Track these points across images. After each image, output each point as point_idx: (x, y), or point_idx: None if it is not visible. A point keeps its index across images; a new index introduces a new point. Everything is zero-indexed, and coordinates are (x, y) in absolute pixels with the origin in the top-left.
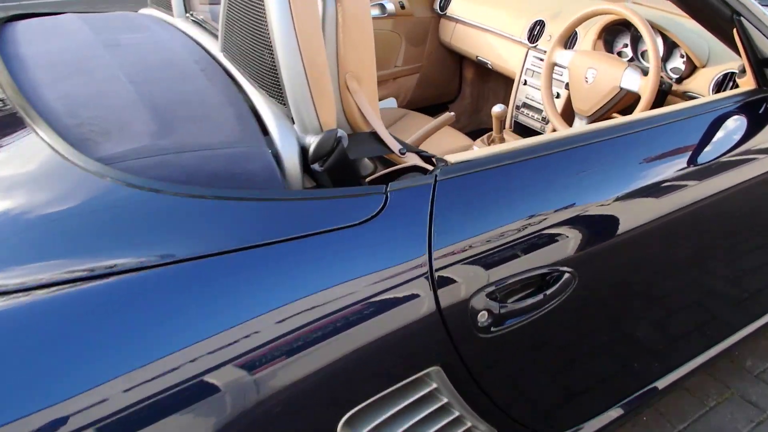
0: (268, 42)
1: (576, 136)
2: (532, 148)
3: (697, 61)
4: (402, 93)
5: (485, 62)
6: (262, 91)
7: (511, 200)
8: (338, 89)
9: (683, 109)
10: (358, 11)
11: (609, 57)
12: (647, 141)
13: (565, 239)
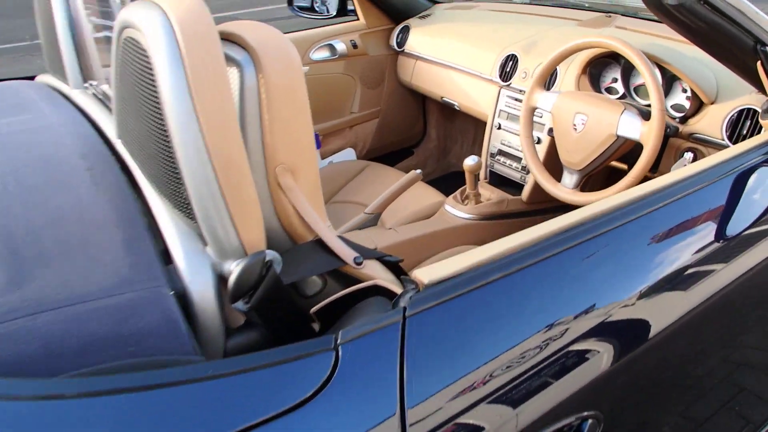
0: (162, 130)
1: (579, 224)
2: (532, 248)
3: (705, 97)
4: (361, 142)
5: (452, 104)
6: (165, 199)
7: (513, 328)
8: (267, 189)
9: (703, 171)
10: (287, 81)
11: (600, 99)
12: (664, 218)
13: (586, 370)
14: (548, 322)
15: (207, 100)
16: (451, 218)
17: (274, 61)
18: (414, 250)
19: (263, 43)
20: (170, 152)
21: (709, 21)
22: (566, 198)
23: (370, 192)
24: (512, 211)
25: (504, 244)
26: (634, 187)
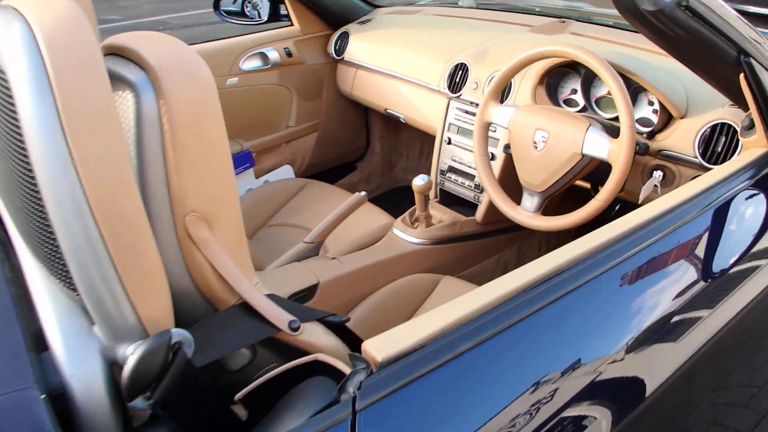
0: (29, 177)
1: (556, 273)
2: (506, 304)
3: (674, 111)
4: (299, 158)
5: (397, 116)
6: (40, 263)
7: (491, 405)
8: (177, 244)
9: (688, 201)
10: (197, 107)
11: (562, 114)
12: (645, 258)
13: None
14: (532, 400)
15: (87, 139)
16: (400, 243)
17: (180, 82)
18: (360, 282)
19: (164, 59)
20: (40, 205)
21: (690, 29)
22: (528, 223)
23: (311, 213)
24: (466, 233)
25: (473, 301)
26: (610, 225)
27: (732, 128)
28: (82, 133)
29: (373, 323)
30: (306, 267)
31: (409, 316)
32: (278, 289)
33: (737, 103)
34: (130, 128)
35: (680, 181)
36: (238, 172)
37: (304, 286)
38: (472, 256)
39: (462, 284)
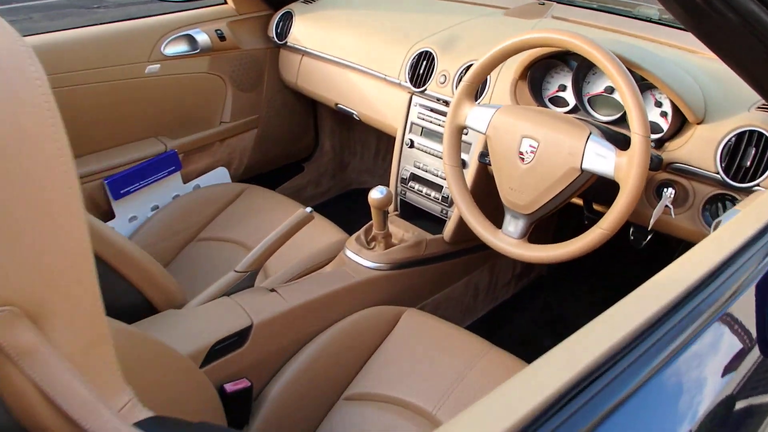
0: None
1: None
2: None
3: (690, 114)
4: (236, 158)
5: (349, 112)
6: None
7: None
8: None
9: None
10: (10, 126)
11: (556, 118)
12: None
13: None
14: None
15: None
16: (353, 268)
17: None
18: (305, 320)
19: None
20: None
21: (744, 11)
22: (513, 253)
23: (249, 225)
24: (432, 254)
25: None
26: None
27: (764, 137)
28: None
29: (321, 370)
30: (237, 304)
31: (364, 360)
32: (200, 335)
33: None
34: None
35: (695, 200)
36: (161, 177)
37: (234, 330)
38: (438, 280)
39: (430, 319)
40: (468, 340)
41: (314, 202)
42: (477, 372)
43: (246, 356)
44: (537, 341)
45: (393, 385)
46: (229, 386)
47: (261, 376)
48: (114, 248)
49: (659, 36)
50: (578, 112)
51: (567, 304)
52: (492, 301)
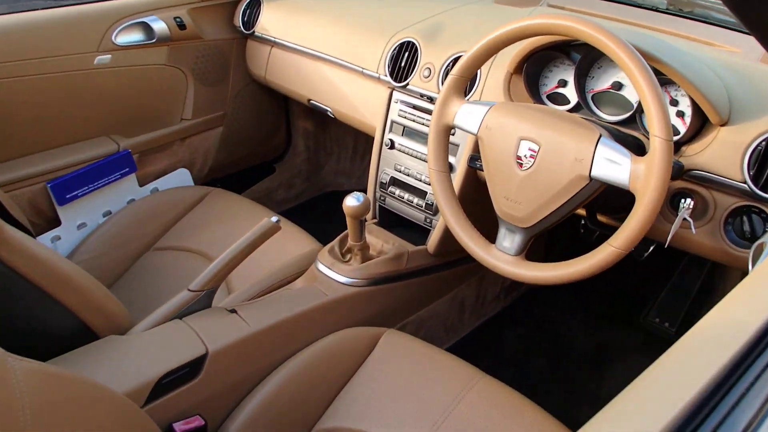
0: None
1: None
2: None
3: (714, 114)
4: (198, 159)
5: (324, 109)
6: None
7: None
8: None
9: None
10: None
11: (560, 118)
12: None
13: None
14: None
15: None
16: (326, 284)
17: None
18: (270, 346)
19: None
20: None
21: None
22: (508, 272)
23: (212, 232)
24: (415, 268)
25: None
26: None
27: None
28: None
29: (288, 404)
30: (190, 328)
31: (337, 391)
32: (145, 366)
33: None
34: None
35: (715, 212)
36: (113, 179)
37: (185, 359)
38: (421, 296)
39: (412, 342)
40: (456, 368)
41: (286, 207)
42: (466, 405)
43: (200, 390)
44: (529, 362)
45: (370, 419)
46: (179, 426)
47: (217, 412)
48: (42, 266)
49: (667, 26)
50: (580, 110)
51: (560, 320)
52: (479, 318)
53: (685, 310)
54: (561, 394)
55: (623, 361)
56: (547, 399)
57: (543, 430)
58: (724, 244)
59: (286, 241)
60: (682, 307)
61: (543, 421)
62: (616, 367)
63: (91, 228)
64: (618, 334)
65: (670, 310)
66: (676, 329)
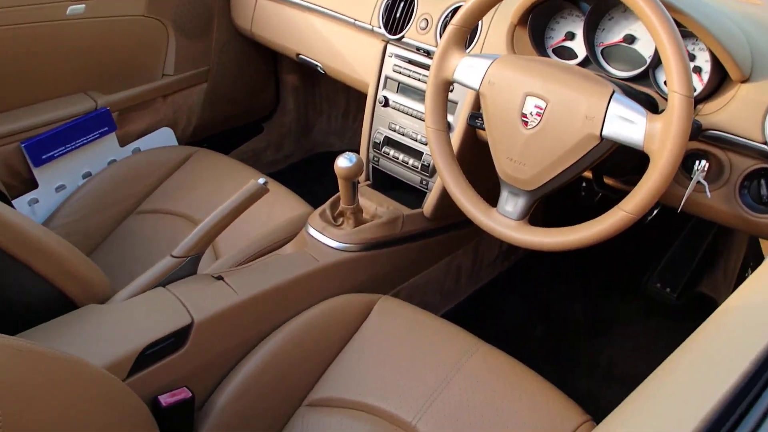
0: None
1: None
2: None
3: (735, 69)
4: (182, 117)
5: (313, 64)
6: None
7: None
8: None
9: None
10: None
11: (569, 72)
12: None
13: None
14: None
15: None
16: (317, 249)
17: None
18: (259, 314)
19: None
20: None
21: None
22: (511, 237)
23: (198, 194)
24: (410, 232)
25: None
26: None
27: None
28: None
29: (278, 373)
30: (174, 296)
31: (330, 360)
32: (126, 337)
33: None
34: None
35: (731, 175)
36: (92, 139)
37: (170, 329)
38: (416, 261)
39: (408, 309)
40: (454, 335)
41: (275, 168)
42: (465, 374)
43: (186, 361)
44: (526, 330)
45: (365, 389)
46: (164, 398)
47: (205, 383)
48: (11, 231)
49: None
50: (589, 66)
51: (558, 288)
52: (475, 284)
53: (687, 276)
54: (559, 363)
55: (623, 329)
56: (545, 368)
57: (545, 399)
58: (739, 209)
59: (275, 204)
60: (685, 272)
61: (545, 391)
62: (616, 335)
63: (71, 190)
64: (618, 301)
65: (672, 275)
66: (678, 295)
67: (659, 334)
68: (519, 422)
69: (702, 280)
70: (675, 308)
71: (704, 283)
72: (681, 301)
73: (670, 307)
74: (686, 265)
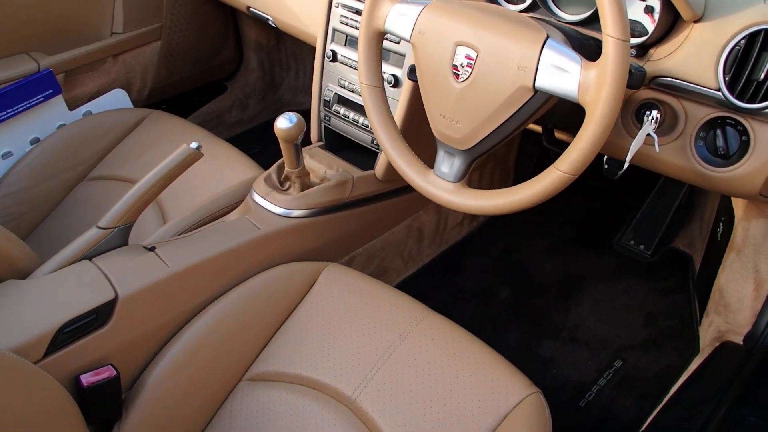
0: None
1: None
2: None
3: (686, 8)
4: (136, 78)
5: (264, 17)
6: None
7: None
8: None
9: None
10: None
11: (501, 16)
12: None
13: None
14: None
15: None
16: (260, 216)
17: None
18: (192, 287)
19: None
20: None
21: None
22: (446, 200)
23: (150, 158)
24: (361, 196)
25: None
26: None
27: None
28: None
29: (215, 347)
30: (98, 270)
31: (271, 333)
32: (42, 314)
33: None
34: None
35: (686, 126)
36: (35, 102)
37: (90, 305)
38: (371, 225)
39: (353, 277)
40: (401, 304)
41: (240, 129)
42: (407, 346)
43: (110, 338)
44: (492, 293)
45: (307, 363)
46: (86, 377)
47: (132, 362)
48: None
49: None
50: (536, 9)
51: (526, 247)
52: (440, 246)
53: (662, 232)
54: (524, 326)
55: (592, 290)
56: (508, 333)
57: (491, 370)
58: (694, 163)
59: (227, 169)
60: (659, 228)
61: (492, 362)
62: (585, 296)
63: (18, 157)
64: (588, 261)
65: (645, 231)
66: (652, 252)
67: (630, 294)
68: (462, 395)
69: (677, 235)
70: (649, 265)
71: (679, 238)
72: (655, 257)
73: (644, 264)
74: (660, 220)
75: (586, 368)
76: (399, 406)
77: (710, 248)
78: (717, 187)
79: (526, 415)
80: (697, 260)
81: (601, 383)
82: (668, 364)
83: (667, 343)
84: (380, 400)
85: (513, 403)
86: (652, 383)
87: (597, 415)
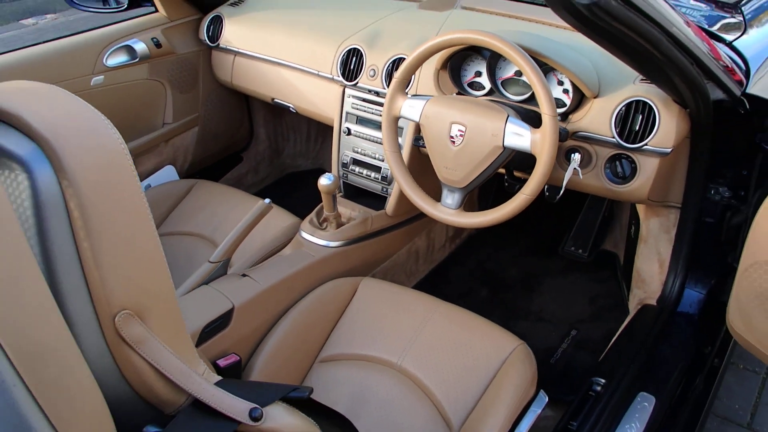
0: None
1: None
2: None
3: (588, 91)
4: (181, 156)
5: (286, 106)
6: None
7: None
8: (107, 350)
9: None
10: (112, 181)
11: (477, 105)
12: None
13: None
14: None
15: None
16: (311, 248)
17: (82, 152)
18: (277, 298)
19: (57, 122)
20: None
21: (626, 21)
22: (453, 221)
23: (204, 217)
24: (378, 228)
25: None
26: None
27: (648, 105)
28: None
29: (296, 340)
30: (217, 290)
31: (332, 327)
32: (192, 319)
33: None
34: (27, 219)
35: (597, 161)
36: None
37: (219, 313)
38: (384, 250)
39: (384, 285)
40: (419, 299)
41: (255, 189)
42: (431, 325)
43: (231, 335)
44: (473, 293)
45: (360, 344)
46: (221, 362)
47: (246, 350)
48: None
49: (557, 20)
50: (494, 94)
51: (495, 258)
52: (432, 263)
53: (593, 238)
54: (501, 313)
55: (548, 283)
56: (491, 319)
57: (490, 332)
58: (605, 183)
59: (269, 219)
60: (591, 235)
61: (490, 327)
62: (544, 288)
63: None
64: (543, 263)
65: (581, 239)
66: (588, 254)
67: (577, 284)
68: (473, 350)
69: (605, 239)
70: (587, 264)
71: (607, 241)
72: (591, 257)
73: (584, 263)
74: (591, 229)
75: (551, 338)
76: (432, 364)
77: (628, 244)
78: (621, 197)
79: (520, 359)
80: (621, 255)
81: (563, 346)
82: (609, 328)
83: (606, 315)
84: (418, 362)
85: (508, 351)
86: (599, 342)
87: (563, 368)
